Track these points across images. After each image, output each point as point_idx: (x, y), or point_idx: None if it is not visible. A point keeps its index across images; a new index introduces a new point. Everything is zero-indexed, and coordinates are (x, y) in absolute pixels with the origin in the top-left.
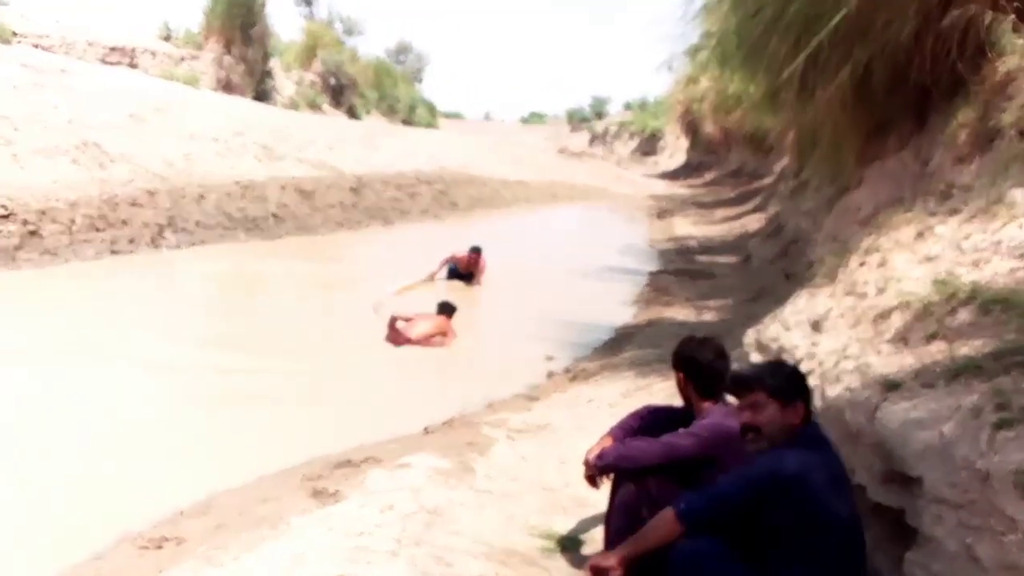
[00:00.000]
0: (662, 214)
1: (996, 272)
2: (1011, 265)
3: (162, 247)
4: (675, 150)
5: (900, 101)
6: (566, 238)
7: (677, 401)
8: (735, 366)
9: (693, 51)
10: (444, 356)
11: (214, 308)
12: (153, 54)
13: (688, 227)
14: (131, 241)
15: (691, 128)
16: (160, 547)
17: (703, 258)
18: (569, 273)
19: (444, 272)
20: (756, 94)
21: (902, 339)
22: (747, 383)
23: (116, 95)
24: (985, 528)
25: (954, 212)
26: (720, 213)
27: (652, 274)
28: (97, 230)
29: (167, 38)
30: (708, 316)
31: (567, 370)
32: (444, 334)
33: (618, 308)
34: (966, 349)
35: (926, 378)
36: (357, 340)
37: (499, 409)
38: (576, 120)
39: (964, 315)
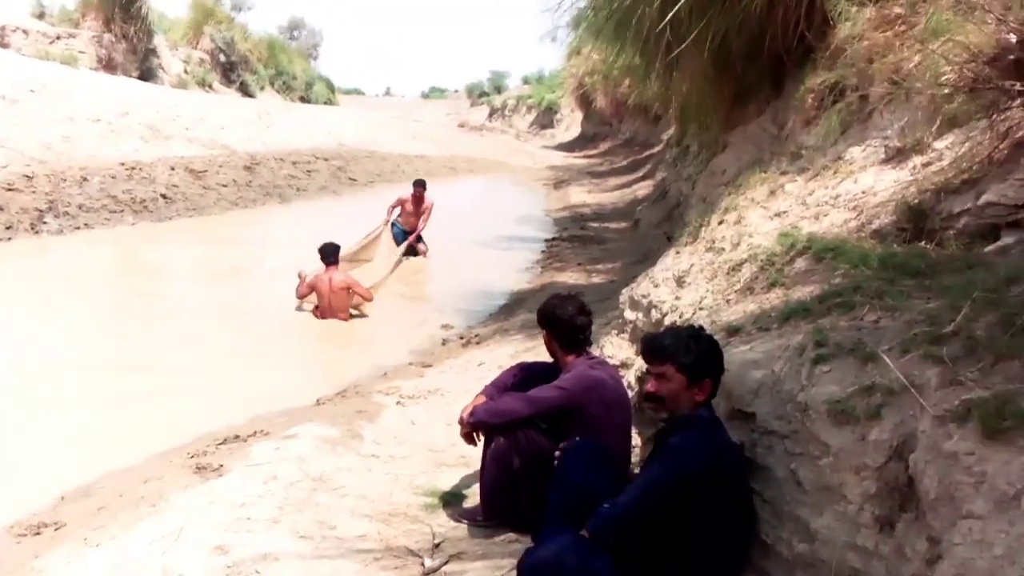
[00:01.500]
0: (558, 184)
1: (832, 223)
2: (845, 216)
3: (43, 232)
4: (571, 122)
5: (757, 70)
6: (466, 210)
7: None
8: (653, 329)
9: (575, 23)
10: (344, 330)
11: (99, 291)
12: (26, 32)
13: (583, 196)
14: (8, 227)
15: (585, 100)
16: (38, 533)
17: (595, 225)
18: (469, 243)
19: (390, 233)
20: (628, 65)
21: (748, 288)
22: (659, 353)
23: None
24: (805, 454)
25: (803, 171)
26: (613, 181)
27: (547, 241)
28: None
29: (40, 16)
30: (597, 279)
31: (461, 336)
32: (347, 289)
33: (514, 275)
34: (799, 294)
35: (763, 322)
36: (251, 317)
37: (393, 377)
38: (476, 95)
39: (800, 264)
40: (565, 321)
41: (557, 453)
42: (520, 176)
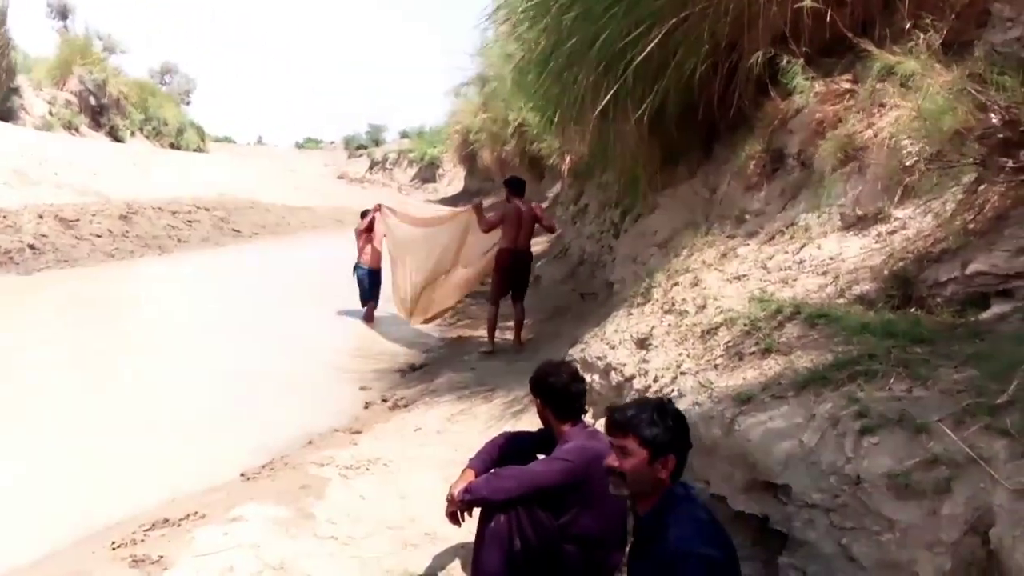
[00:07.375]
0: None
1: (807, 289)
2: (819, 282)
3: None
4: (453, 177)
5: (690, 134)
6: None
7: (505, 423)
8: (615, 392)
9: (480, 81)
10: (253, 393)
11: None
12: None
13: None
14: None
15: (468, 157)
16: None
17: None
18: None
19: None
20: (543, 123)
21: (736, 354)
22: (621, 425)
23: None
24: (860, 529)
25: (752, 235)
26: None
27: None
28: None
29: None
30: (511, 335)
31: (384, 399)
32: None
33: (422, 333)
34: (804, 362)
35: (775, 391)
36: (138, 381)
37: (322, 446)
38: (353, 147)
39: (792, 329)
40: (559, 389)
41: None
42: None
